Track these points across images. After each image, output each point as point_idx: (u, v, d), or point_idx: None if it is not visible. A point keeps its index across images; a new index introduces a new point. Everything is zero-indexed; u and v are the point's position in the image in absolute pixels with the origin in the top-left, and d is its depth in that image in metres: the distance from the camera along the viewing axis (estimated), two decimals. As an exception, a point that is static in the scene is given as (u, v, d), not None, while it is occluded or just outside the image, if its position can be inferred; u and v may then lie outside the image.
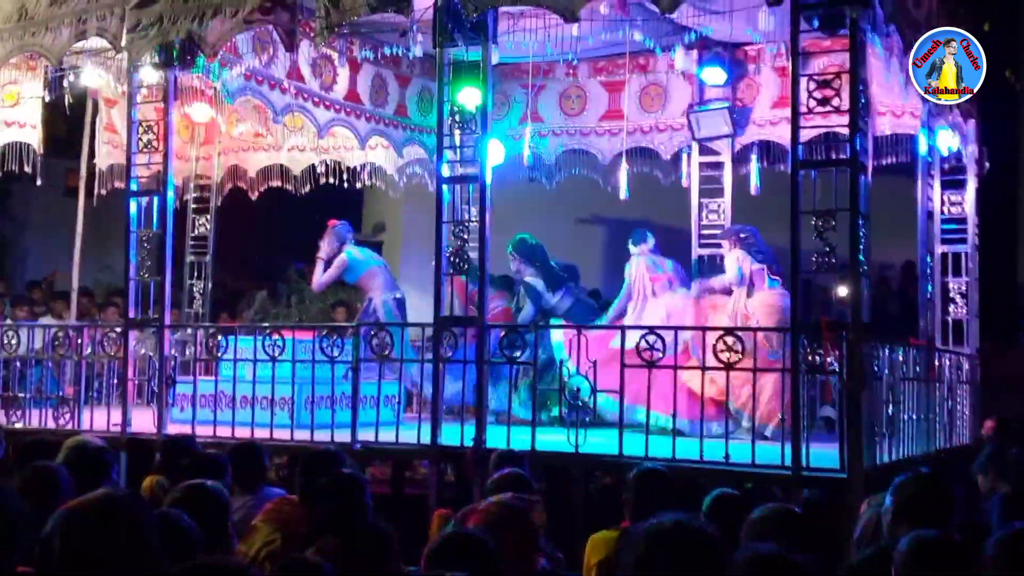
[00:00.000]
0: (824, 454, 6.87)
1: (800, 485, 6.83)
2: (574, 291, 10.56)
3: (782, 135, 10.00)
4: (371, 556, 4.35)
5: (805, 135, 7.14)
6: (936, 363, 8.89)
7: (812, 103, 6.94)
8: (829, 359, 6.86)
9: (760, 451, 7.01)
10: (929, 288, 9.61)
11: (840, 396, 6.85)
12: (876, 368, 7.12)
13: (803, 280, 7.10)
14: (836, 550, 5.19)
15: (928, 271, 9.57)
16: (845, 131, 6.88)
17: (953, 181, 10.03)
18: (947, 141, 9.57)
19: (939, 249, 9.92)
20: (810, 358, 6.84)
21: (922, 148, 9.15)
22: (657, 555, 2.80)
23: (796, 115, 6.98)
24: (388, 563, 4.44)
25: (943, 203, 9.96)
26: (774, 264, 9.13)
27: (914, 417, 8.01)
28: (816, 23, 6.96)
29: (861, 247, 6.81)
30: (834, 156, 7.17)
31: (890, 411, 7.49)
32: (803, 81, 6.96)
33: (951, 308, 9.98)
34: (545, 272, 10.32)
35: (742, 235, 9.31)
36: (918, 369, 8.23)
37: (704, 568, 2.81)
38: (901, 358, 7.80)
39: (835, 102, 6.87)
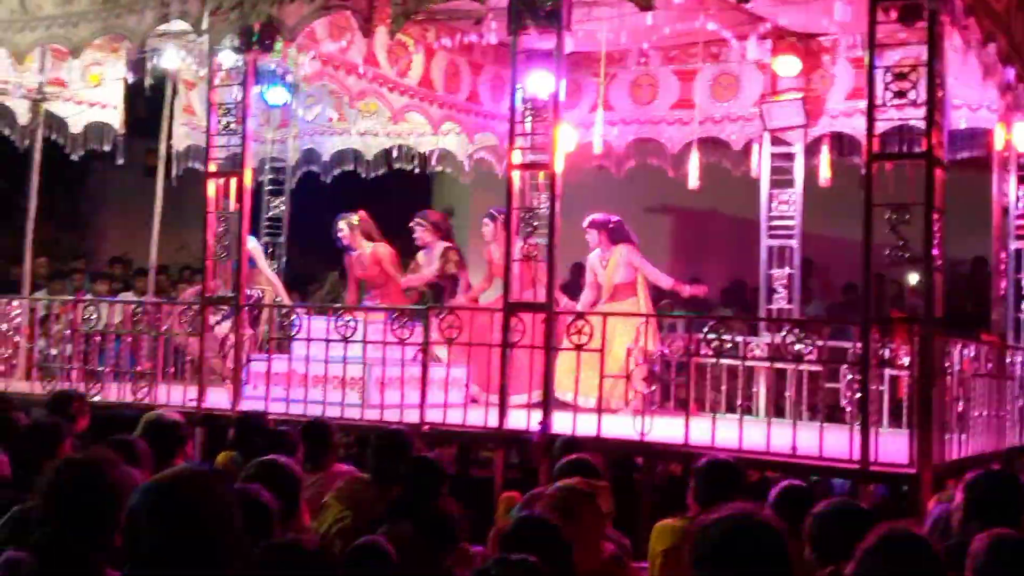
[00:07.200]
0: (891, 449, 6.83)
1: (868, 480, 6.80)
2: None
3: (855, 127, 9.89)
4: (443, 541, 4.42)
5: (879, 127, 7.08)
6: (1008, 360, 8.78)
7: (888, 96, 6.85)
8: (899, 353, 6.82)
9: (828, 444, 6.98)
10: (1002, 284, 9.47)
11: (910, 391, 6.79)
12: (947, 363, 7.07)
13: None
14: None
15: (1001, 267, 9.43)
16: (921, 124, 6.81)
17: (1030, 176, 9.86)
18: (1025, 136, 9.41)
19: (1013, 245, 9.77)
20: (880, 352, 6.79)
21: (998, 143, 9.00)
22: (724, 550, 2.83)
23: (872, 107, 6.89)
24: (457, 545, 4.53)
25: (1018, 199, 9.81)
26: None
27: (984, 414, 7.93)
28: (894, 14, 6.90)
29: (935, 241, 6.75)
30: (909, 149, 7.10)
31: (960, 407, 7.42)
32: (879, 73, 6.88)
33: (1024, 305, 9.83)
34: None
35: None
36: (989, 365, 8.14)
37: (771, 562, 2.84)
38: (972, 354, 7.72)
39: (911, 95, 6.77)
